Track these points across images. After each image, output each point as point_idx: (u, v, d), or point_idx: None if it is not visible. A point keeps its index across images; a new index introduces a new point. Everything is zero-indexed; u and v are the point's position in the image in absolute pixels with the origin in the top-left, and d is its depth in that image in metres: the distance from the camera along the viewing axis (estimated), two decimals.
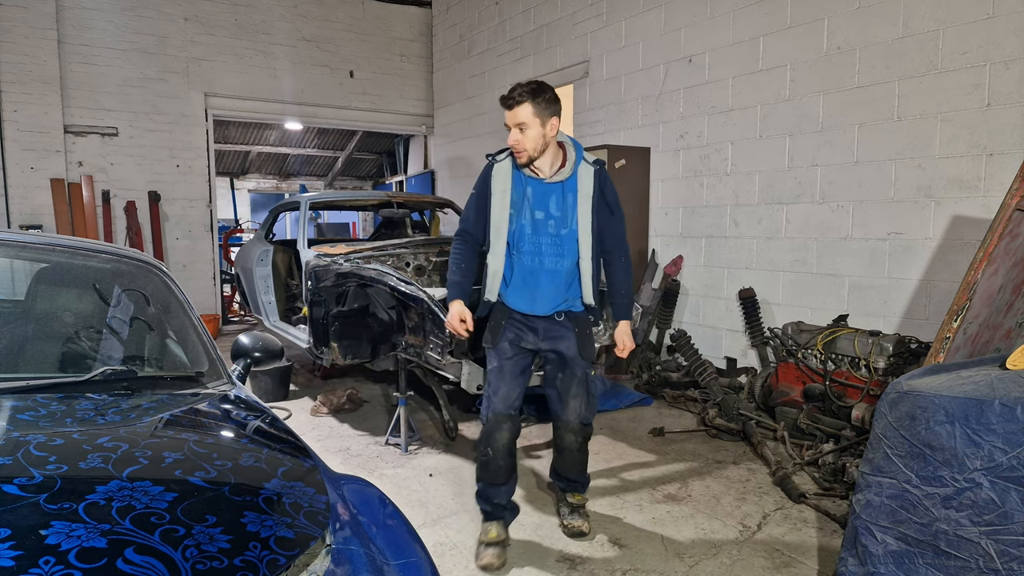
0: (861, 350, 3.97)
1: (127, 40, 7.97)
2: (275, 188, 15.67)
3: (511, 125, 2.61)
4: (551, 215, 2.71)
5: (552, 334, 2.78)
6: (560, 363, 2.82)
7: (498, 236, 2.73)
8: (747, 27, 5.21)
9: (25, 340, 2.16)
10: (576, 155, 2.74)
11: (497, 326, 2.79)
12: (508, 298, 2.80)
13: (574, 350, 2.79)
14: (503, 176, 2.73)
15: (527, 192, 2.72)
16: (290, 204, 6.26)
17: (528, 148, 2.62)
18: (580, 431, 2.88)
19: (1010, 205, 2.59)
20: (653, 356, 5.73)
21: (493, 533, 2.77)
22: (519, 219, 2.72)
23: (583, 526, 2.95)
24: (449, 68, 9.42)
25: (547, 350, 2.81)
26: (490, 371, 2.83)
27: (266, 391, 5.16)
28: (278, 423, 1.86)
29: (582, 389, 2.83)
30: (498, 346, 2.79)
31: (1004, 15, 3.78)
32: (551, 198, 2.71)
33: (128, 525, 1.15)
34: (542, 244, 2.72)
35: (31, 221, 7.48)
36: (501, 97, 2.64)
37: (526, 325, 2.78)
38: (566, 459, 2.94)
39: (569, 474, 2.98)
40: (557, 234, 2.71)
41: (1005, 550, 1.75)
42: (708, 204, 5.64)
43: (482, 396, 2.89)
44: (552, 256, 2.73)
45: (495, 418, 2.76)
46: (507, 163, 2.74)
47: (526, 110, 2.57)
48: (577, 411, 2.85)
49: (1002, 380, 1.91)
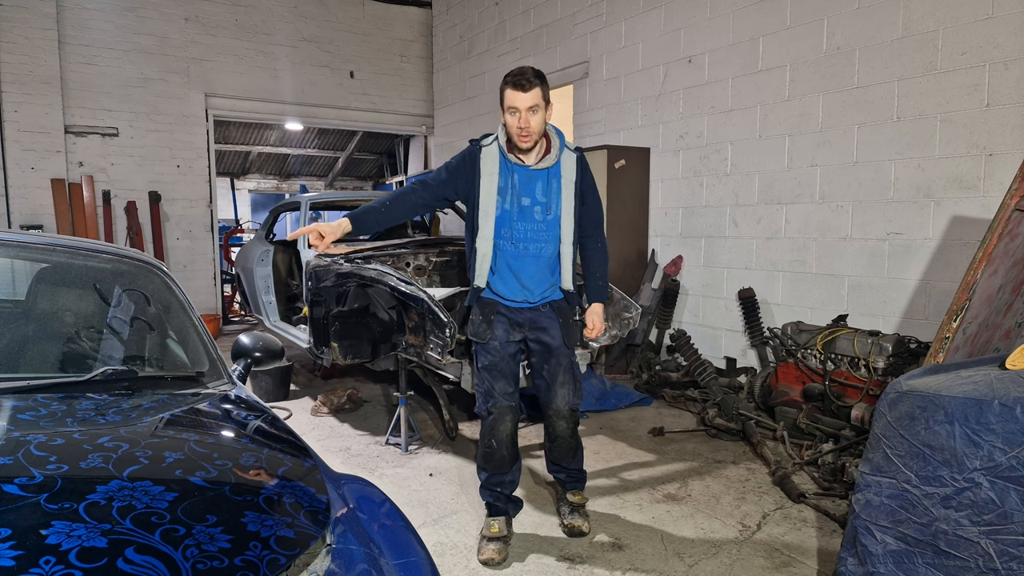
0: (860, 350, 3.97)
1: (127, 40, 7.97)
2: (275, 188, 15.68)
3: (522, 108, 2.59)
4: (537, 201, 2.74)
5: (537, 324, 2.83)
6: (546, 353, 2.86)
7: (487, 219, 2.73)
8: (747, 27, 5.21)
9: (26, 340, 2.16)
10: (560, 142, 2.78)
11: (486, 321, 2.81)
12: (495, 285, 2.81)
13: (559, 339, 2.83)
14: (491, 161, 2.74)
15: (513, 179, 2.73)
16: (290, 204, 6.26)
17: (535, 131, 2.64)
18: (570, 417, 2.91)
19: (1009, 205, 2.59)
20: (653, 356, 5.73)
21: (496, 528, 2.80)
22: (504, 205, 2.74)
23: (583, 525, 2.96)
24: (449, 68, 9.42)
25: (532, 340, 2.86)
26: (482, 367, 2.83)
27: (266, 391, 5.16)
28: (278, 423, 1.86)
29: (569, 376, 2.86)
30: (488, 343, 2.81)
31: (1003, 16, 3.78)
32: (537, 184, 2.74)
33: (129, 525, 1.15)
34: (528, 231, 2.75)
35: (32, 221, 7.48)
36: (514, 80, 2.59)
37: (511, 319, 2.82)
38: (559, 446, 2.96)
39: (564, 461, 3.00)
40: (543, 220, 2.75)
41: (1005, 550, 1.76)
42: (708, 204, 5.65)
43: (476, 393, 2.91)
44: (537, 242, 2.76)
45: (498, 411, 2.80)
46: (494, 148, 2.75)
47: (537, 93, 2.60)
48: (566, 398, 2.88)
49: (1001, 380, 1.92)
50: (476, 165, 2.75)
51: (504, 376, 2.80)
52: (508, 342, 2.81)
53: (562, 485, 3.10)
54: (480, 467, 2.90)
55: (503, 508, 2.89)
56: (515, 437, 2.86)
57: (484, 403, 2.83)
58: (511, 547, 2.84)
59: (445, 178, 2.79)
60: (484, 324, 2.80)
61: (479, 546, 2.81)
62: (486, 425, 2.84)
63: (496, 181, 2.72)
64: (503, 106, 2.65)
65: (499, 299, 2.82)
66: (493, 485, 2.87)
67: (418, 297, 3.67)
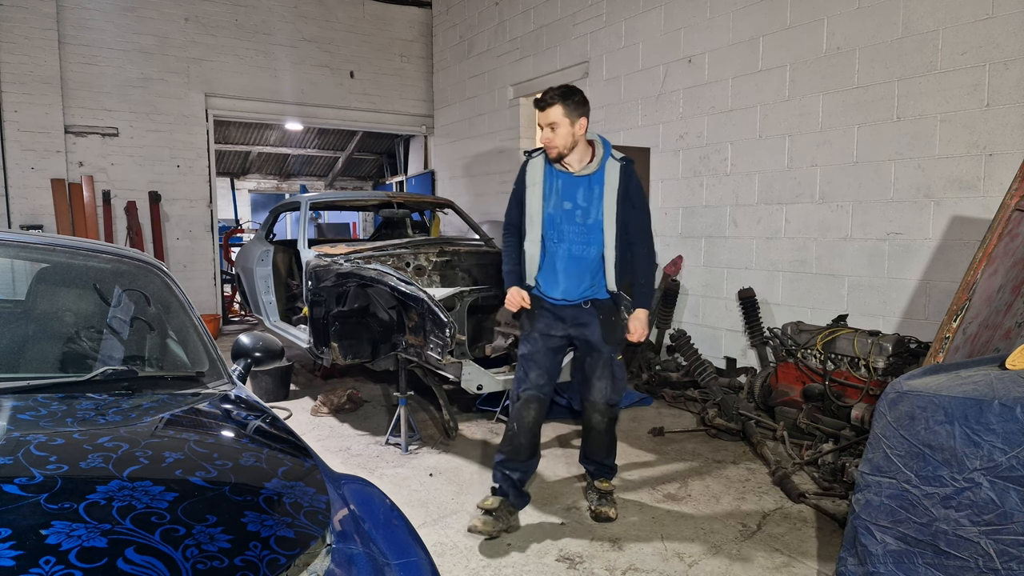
0: (860, 350, 3.97)
1: (127, 40, 7.97)
2: (275, 188, 15.67)
3: (544, 124, 2.88)
4: (578, 205, 2.98)
5: (578, 321, 3.03)
6: (587, 348, 3.07)
7: (532, 225, 3.00)
8: (747, 27, 5.21)
9: (26, 340, 2.16)
10: (604, 152, 3.00)
11: (531, 315, 3.05)
12: (540, 284, 3.05)
13: (598, 335, 3.02)
14: (536, 171, 3.02)
15: (557, 184, 2.99)
16: (290, 204, 6.26)
17: (558, 145, 2.88)
18: (606, 411, 3.10)
19: (1009, 205, 2.59)
20: (653, 356, 5.73)
21: (489, 502, 2.99)
22: (548, 208, 2.99)
23: (610, 511, 3.12)
24: (449, 68, 9.42)
25: (575, 336, 3.06)
26: (521, 356, 3.09)
27: (266, 391, 5.16)
28: (278, 423, 1.86)
29: (607, 371, 3.06)
30: (530, 335, 3.05)
31: (1003, 16, 3.78)
32: (579, 190, 2.97)
33: (128, 525, 1.15)
34: (569, 232, 2.98)
35: (32, 221, 7.48)
36: (535, 100, 2.93)
37: (555, 314, 3.03)
38: (593, 439, 3.17)
39: (597, 455, 3.20)
40: (584, 223, 2.97)
41: (1004, 550, 1.76)
42: (708, 204, 5.65)
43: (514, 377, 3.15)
44: (578, 244, 2.98)
45: (526, 398, 3.03)
46: (540, 159, 3.03)
47: (557, 111, 2.85)
48: (603, 392, 3.07)
49: (1001, 380, 1.92)
50: (523, 178, 3.05)
51: (539, 367, 3.02)
52: (549, 335, 3.03)
53: (591, 474, 3.28)
54: (500, 448, 3.11)
55: (504, 490, 3.06)
56: (537, 428, 3.06)
57: (517, 387, 3.07)
58: (510, 547, 2.84)
59: (516, 212, 3.09)
60: (528, 317, 3.06)
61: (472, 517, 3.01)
62: (514, 409, 3.07)
63: (540, 189, 2.99)
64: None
65: (544, 296, 3.04)
66: (504, 468, 3.06)
67: (418, 297, 3.67)
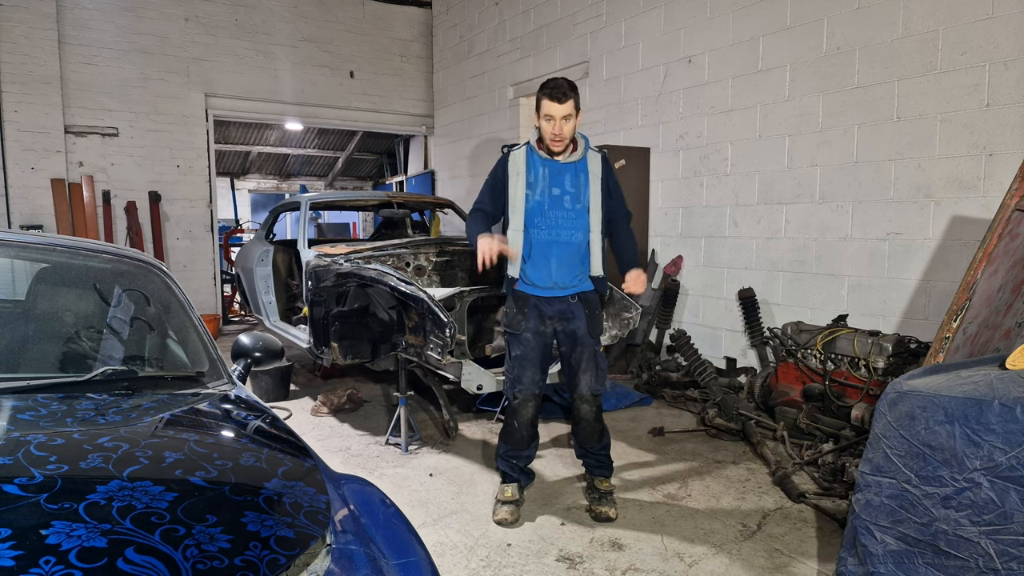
0: (861, 350, 3.97)
1: (127, 40, 7.97)
2: (275, 188, 15.67)
3: (557, 117, 2.89)
4: (566, 191, 3.04)
5: (565, 315, 3.10)
6: (572, 341, 3.13)
7: (515, 213, 3.03)
8: (747, 27, 5.21)
9: (26, 340, 2.16)
10: (585, 143, 3.11)
11: (520, 313, 3.09)
12: (528, 274, 3.07)
13: (584, 329, 3.09)
14: (518, 162, 3.06)
15: (543, 172, 3.03)
16: (290, 204, 6.26)
17: (567, 137, 2.96)
18: (592, 400, 3.17)
19: (1009, 205, 2.59)
20: (653, 356, 5.73)
21: (509, 493, 3.14)
22: (535, 196, 3.02)
23: (610, 511, 3.15)
24: (449, 68, 9.42)
25: (561, 331, 3.13)
26: (513, 356, 3.13)
27: (266, 391, 5.16)
28: (278, 423, 1.86)
29: (592, 363, 3.13)
30: (521, 335, 3.09)
31: (1003, 16, 3.78)
32: (565, 176, 3.04)
33: (128, 525, 1.15)
34: (559, 218, 3.03)
35: (32, 221, 7.48)
36: (551, 92, 2.89)
37: (542, 310, 3.08)
38: (583, 429, 3.22)
39: (590, 443, 3.25)
40: (572, 208, 3.03)
41: (1005, 550, 1.76)
42: (708, 204, 5.65)
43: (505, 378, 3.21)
44: (568, 229, 3.03)
45: (523, 398, 3.12)
46: (521, 151, 3.07)
47: (571, 104, 2.91)
48: (589, 383, 3.14)
49: (1001, 380, 1.92)
50: (505, 169, 3.08)
51: (533, 366, 3.10)
52: (539, 333, 3.10)
53: (590, 472, 3.31)
54: (501, 440, 3.24)
55: (516, 477, 3.20)
56: (536, 420, 3.19)
57: (511, 388, 3.14)
58: (510, 547, 2.84)
59: (489, 199, 3.13)
60: (519, 316, 3.10)
61: (494, 508, 3.15)
62: (511, 408, 3.16)
63: (524, 179, 3.03)
64: (539, 112, 2.95)
65: (532, 289, 3.08)
66: (510, 457, 3.19)
67: (418, 297, 3.67)
